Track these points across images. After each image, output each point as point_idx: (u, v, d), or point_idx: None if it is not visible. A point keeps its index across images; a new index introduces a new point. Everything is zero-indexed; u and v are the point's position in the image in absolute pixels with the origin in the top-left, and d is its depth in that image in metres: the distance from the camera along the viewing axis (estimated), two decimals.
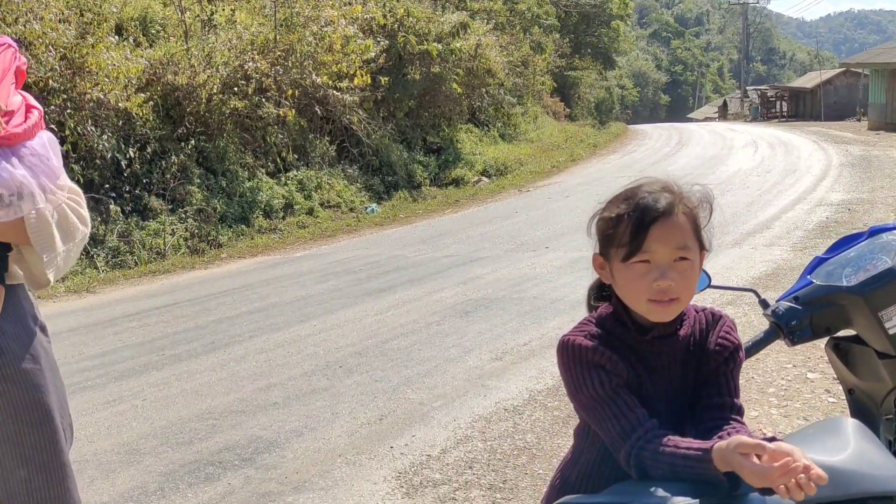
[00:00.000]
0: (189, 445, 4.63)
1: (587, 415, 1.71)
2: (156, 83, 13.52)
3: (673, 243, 1.63)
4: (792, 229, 10.81)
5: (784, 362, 5.40)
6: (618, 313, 1.72)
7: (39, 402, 2.03)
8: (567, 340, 1.72)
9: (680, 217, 1.65)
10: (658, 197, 1.66)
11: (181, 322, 7.72)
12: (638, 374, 1.69)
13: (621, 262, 1.65)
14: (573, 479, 1.84)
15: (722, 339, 1.74)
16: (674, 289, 1.62)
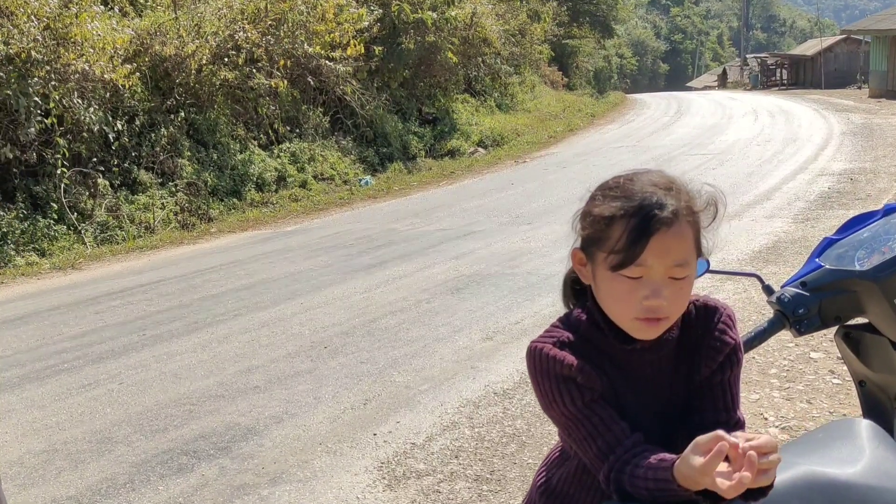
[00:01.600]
0: (163, 433, 4.43)
1: (562, 431, 1.48)
2: (143, 54, 13.21)
3: (671, 258, 1.35)
4: (793, 200, 10.57)
5: (786, 341, 5.19)
6: (594, 317, 1.46)
7: None
8: (534, 348, 1.47)
9: (683, 228, 1.36)
10: (663, 201, 1.36)
11: (165, 300, 7.51)
12: (616, 384, 1.45)
13: (609, 270, 1.38)
14: (555, 482, 1.63)
15: (717, 339, 1.47)
16: (664, 308, 1.37)
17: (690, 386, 1.48)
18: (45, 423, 4.65)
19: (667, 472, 1.29)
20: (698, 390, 1.47)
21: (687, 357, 1.48)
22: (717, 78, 66.80)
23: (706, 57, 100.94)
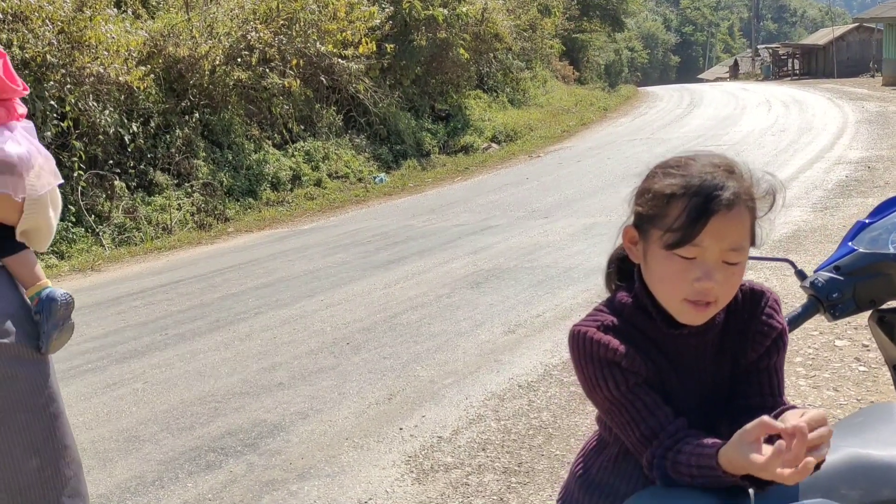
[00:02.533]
0: (190, 431, 4.45)
1: (605, 416, 1.48)
2: (157, 56, 13.26)
3: (728, 242, 1.35)
4: (811, 189, 10.52)
5: (810, 329, 5.16)
6: (641, 300, 1.46)
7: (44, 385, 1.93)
8: (578, 331, 1.45)
9: (742, 213, 1.36)
10: (724, 183, 1.35)
11: (186, 300, 7.54)
12: (660, 369, 1.44)
13: (663, 248, 1.37)
14: (594, 471, 1.63)
15: (763, 323, 1.46)
16: (714, 292, 1.36)
17: (736, 370, 1.47)
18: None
19: (710, 459, 1.29)
20: (744, 375, 1.47)
21: (733, 342, 1.47)
22: (728, 69, 66.48)
23: (717, 48, 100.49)
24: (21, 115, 1.95)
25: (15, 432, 1.84)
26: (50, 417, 1.92)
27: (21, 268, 1.98)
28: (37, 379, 1.89)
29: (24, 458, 1.86)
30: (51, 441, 1.91)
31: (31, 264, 2.00)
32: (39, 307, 2.00)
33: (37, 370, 1.90)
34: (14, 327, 1.86)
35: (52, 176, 1.96)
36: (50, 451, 1.90)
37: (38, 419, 1.88)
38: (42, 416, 1.89)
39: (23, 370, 1.86)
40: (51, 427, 1.91)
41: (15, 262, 1.96)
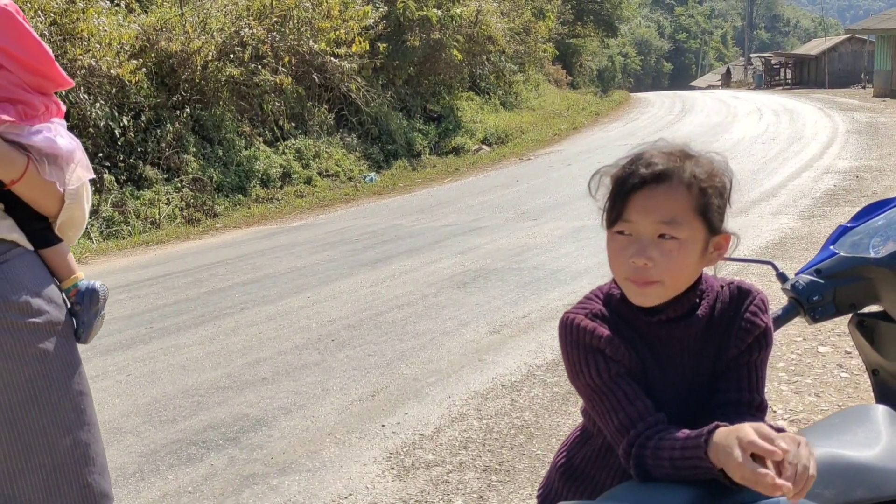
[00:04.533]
0: (172, 424, 4.43)
1: (586, 403, 1.50)
2: (149, 50, 13.22)
3: (656, 216, 1.37)
4: (799, 197, 10.56)
5: (794, 335, 5.19)
6: (621, 290, 1.49)
7: (75, 364, 1.96)
8: (567, 318, 1.48)
9: (677, 188, 1.38)
10: (654, 161, 1.40)
11: (172, 294, 7.52)
12: (644, 361, 1.46)
13: (607, 228, 1.45)
14: (577, 462, 1.64)
15: (747, 321, 1.47)
16: (651, 271, 1.38)
17: (717, 366, 1.48)
18: None
19: (699, 440, 1.29)
20: (724, 370, 1.48)
21: (716, 337, 1.48)
22: (720, 77, 66.75)
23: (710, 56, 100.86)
24: (62, 110, 2.00)
25: (49, 411, 1.87)
26: (80, 396, 1.95)
27: (59, 259, 2.02)
28: (68, 357, 1.93)
29: (59, 436, 1.88)
30: (81, 418, 1.94)
31: (67, 256, 2.04)
32: (79, 298, 2.05)
33: (68, 349, 1.93)
34: (46, 307, 1.90)
35: (86, 170, 2.00)
36: (80, 428, 1.93)
37: (69, 398, 1.91)
38: (73, 395, 1.92)
39: (55, 349, 1.90)
40: (80, 405, 1.94)
41: (53, 254, 2.01)
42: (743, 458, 1.21)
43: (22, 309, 1.84)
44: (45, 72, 1.91)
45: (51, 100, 1.94)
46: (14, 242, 1.88)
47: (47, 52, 1.91)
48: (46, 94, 1.93)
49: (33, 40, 1.87)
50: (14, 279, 1.85)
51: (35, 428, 1.86)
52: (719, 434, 1.27)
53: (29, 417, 1.85)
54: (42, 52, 1.90)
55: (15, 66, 1.85)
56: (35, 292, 1.88)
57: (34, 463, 1.85)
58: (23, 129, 1.84)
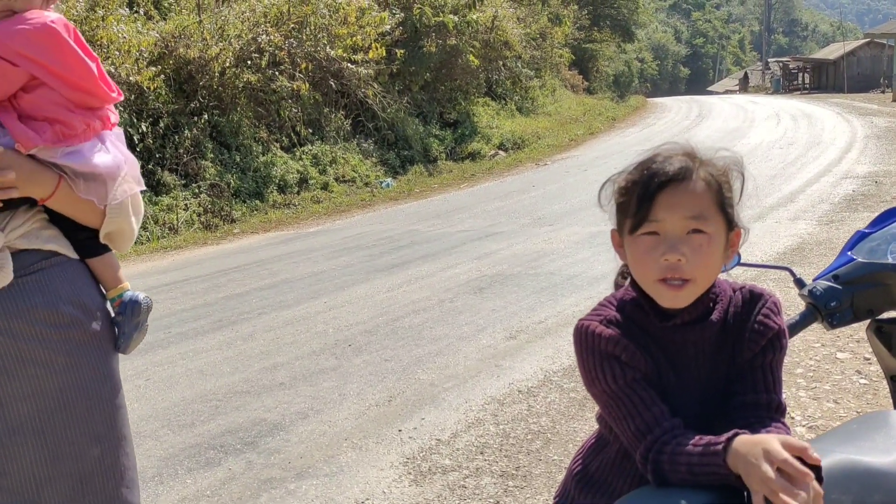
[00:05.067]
0: (191, 428, 4.46)
1: (602, 409, 1.51)
2: (168, 57, 13.33)
3: (684, 211, 1.40)
4: (817, 202, 10.51)
5: (812, 341, 5.17)
6: (637, 296, 1.50)
7: (110, 374, 1.96)
8: (582, 325, 1.50)
9: (697, 184, 1.41)
10: (671, 160, 1.44)
11: (190, 299, 7.56)
12: (659, 366, 1.47)
13: (630, 234, 1.45)
14: (593, 470, 1.64)
15: (760, 323, 1.48)
16: (685, 267, 1.39)
17: (732, 369, 1.49)
18: None
19: (717, 447, 1.30)
20: (739, 373, 1.48)
21: (730, 340, 1.49)
22: (738, 82, 66.49)
23: (727, 61, 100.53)
24: (114, 123, 2.00)
25: (78, 420, 1.87)
26: (112, 407, 1.94)
27: (105, 269, 2.03)
28: (101, 368, 1.92)
29: (87, 445, 1.88)
30: (112, 431, 1.93)
31: (114, 266, 2.05)
32: (122, 308, 2.05)
33: (102, 360, 1.93)
34: (83, 316, 1.90)
35: (135, 182, 2.01)
36: (111, 440, 1.92)
37: (100, 408, 1.90)
38: (104, 405, 1.92)
39: (87, 359, 1.89)
40: (112, 417, 1.93)
41: (99, 264, 2.02)
42: (773, 473, 1.22)
43: (53, 318, 1.85)
44: (89, 88, 1.90)
45: (96, 115, 1.93)
46: (53, 252, 1.90)
47: (90, 69, 1.90)
48: (93, 109, 1.93)
49: (76, 57, 1.87)
50: (48, 288, 1.86)
51: (63, 437, 1.86)
52: (740, 442, 1.28)
53: (57, 426, 1.85)
54: (85, 68, 1.89)
55: (57, 83, 1.85)
56: (71, 301, 1.88)
57: (61, 471, 1.86)
58: (56, 150, 1.85)
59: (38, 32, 1.81)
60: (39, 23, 1.82)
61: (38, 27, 1.82)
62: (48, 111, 1.84)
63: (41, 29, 1.82)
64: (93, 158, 1.90)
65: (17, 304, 1.81)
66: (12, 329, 1.81)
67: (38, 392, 1.83)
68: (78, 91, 1.88)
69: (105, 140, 1.96)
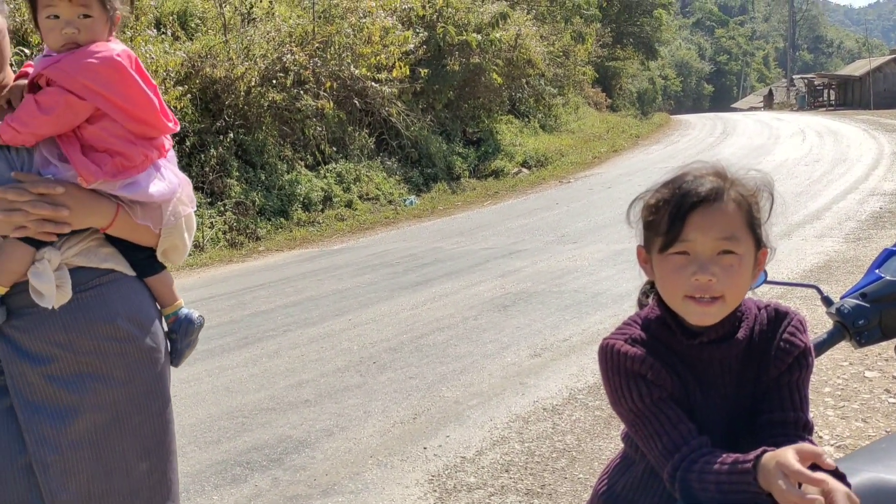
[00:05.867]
0: (217, 445, 4.49)
1: (629, 428, 1.51)
2: (194, 76, 13.47)
3: (715, 232, 1.41)
4: (844, 220, 10.43)
5: (840, 360, 5.12)
6: (662, 314, 1.50)
7: (162, 390, 2.02)
8: (607, 344, 1.50)
9: (728, 205, 1.42)
10: (703, 180, 1.44)
11: (216, 316, 7.62)
12: (686, 384, 1.47)
13: (659, 252, 1.45)
14: (619, 489, 1.65)
15: (786, 341, 1.48)
16: (716, 286, 1.40)
17: (758, 387, 1.49)
18: None
19: (747, 464, 1.30)
20: (766, 391, 1.48)
21: (756, 358, 1.49)
22: (762, 99, 66.20)
23: (752, 78, 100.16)
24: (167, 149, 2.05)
25: (130, 434, 1.91)
26: (162, 423, 2.00)
27: (162, 287, 2.09)
28: (154, 383, 1.98)
29: (136, 460, 1.92)
30: (161, 446, 1.99)
31: (169, 284, 2.11)
32: (175, 326, 2.12)
33: (155, 375, 1.98)
34: (139, 332, 1.95)
35: (189, 202, 2.06)
36: (159, 454, 1.98)
37: (150, 423, 1.96)
38: (154, 421, 1.97)
39: (141, 374, 1.94)
40: (162, 432, 1.99)
41: (156, 282, 2.08)
42: (787, 485, 1.22)
43: (111, 333, 1.90)
44: (150, 120, 1.95)
45: (153, 144, 1.98)
46: (110, 269, 1.94)
47: (152, 102, 1.94)
48: (150, 139, 1.97)
49: (140, 90, 1.91)
50: (106, 304, 1.91)
51: (116, 451, 1.89)
52: (767, 458, 1.28)
53: (111, 440, 1.89)
54: (148, 101, 1.93)
55: (121, 115, 1.89)
56: (127, 317, 1.93)
57: (113, 486, 1.89)
58: (115, 183, 1.89)
59: (104, 66, 1.85)
60: (106, 56, 1.86)
61: (105, 61, 1.86)
62: (110, 143, 1.89)
63: (108, 63, 1.86)
64: (149, 188, 1.95)
65: (77, 320, 1.86)
66: (73, 343, 1.86)
67: (97, 406, 1.87)
68: (139, 123, 1.92)
69: (160, 167, 2.01)
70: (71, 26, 1.84)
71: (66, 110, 1.83)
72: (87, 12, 1.85)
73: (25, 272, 1.82)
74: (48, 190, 1.80)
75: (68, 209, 1.82)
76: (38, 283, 1.81)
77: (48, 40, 1.87)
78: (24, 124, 1.81)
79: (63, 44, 1.85)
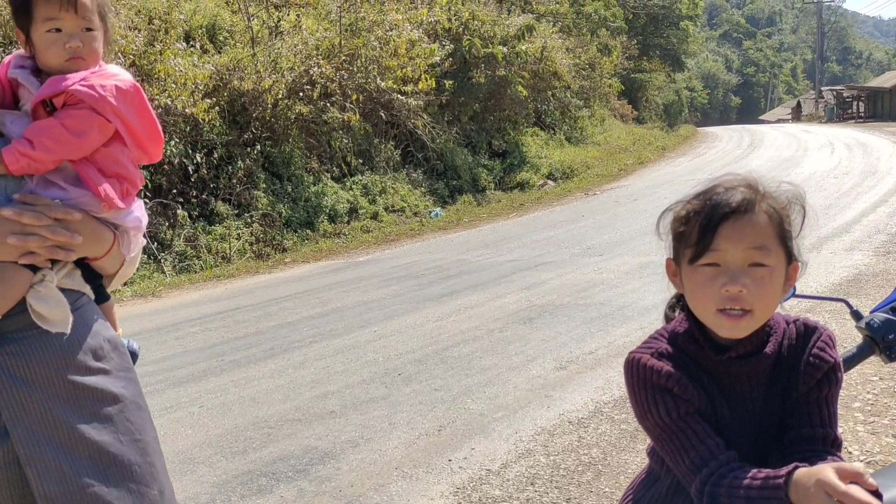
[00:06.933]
0: (243, 455, 4.52)
1: (655, 443, 1.50)
2: (222, 89, 13.60)
3: (746, 243, 1.39)
4: (873, 233, 10.32)
5: (870, 375, 5.06)
6: (690, 328, 1.49)
7: (145, 405, 1.96)
8: (633, 358, 1.50)
9: (760, 216, 1.41)
10: (734, 192, 1.43)
11: (242, 327, 7.67)
12: (713, 399, 1.46)
13: (689, 264, 1.44)
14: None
15: (815, 357, 1.47)
16: (746, 298, 1.39)
17: (787, 403, 1.48)
18: None
19: (778, 480, 1.29)
20: (794, 407, 1.47)
21: (784, 374, 1.48)
22: (790, 111, 65.72)
23: (779, 90, 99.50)
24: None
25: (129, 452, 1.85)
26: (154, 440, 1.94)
27: (110, 315, 2.05)
28: (139, 399, 1.93)
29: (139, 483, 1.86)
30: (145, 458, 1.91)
31: (114, 312, 2.08)
32: None
33: (138, 391, 1.94)
34: (117, 353, 1.93)
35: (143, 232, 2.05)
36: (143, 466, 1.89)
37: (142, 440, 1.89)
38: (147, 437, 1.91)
39: (129, 391, 1.91)
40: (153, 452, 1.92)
41: (106, 309, 2.04)
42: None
43: (99, 354, 1.86)
44: (150, 149, 1.93)
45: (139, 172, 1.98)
46: (83, 292, 1.91)
47: (159, 131, 1.94)
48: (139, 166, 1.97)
49: (151, 119, 1.90)
50: (88, 326, 1.87)
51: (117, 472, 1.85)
52: (801, 475, 1.27)
53: (112, 461, 1.84)
54: (156, 131, 1.93)
55: (132, 143, 1.87)
56: (106, 339, 1.91)
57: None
58: (121, 212, 1.87)
59: (131, 90, 1.84)
60: (129, 80, 1.85)
61: (130, 84, 1.84)
62: (120, 167, 1.86)
63: (133, 86, 1.85)
64: (141, 216, 1.94)
65: (71, 341, 1.81)
66: (69, 366, 1.80)
67: (96, 429, 1.82)
68: (141, 150, 1.91)
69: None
70: (76, 40, 1.78)
71: (98, 134, 1.78)
72: (89, 25, 1.81)
73: (23, 296, 1.74)
74: (65, 216, 1.73)
75: (81, 236, 1.76)
76: (43, 307, 1.75)
77: (48, 55, 1.79)
78: (49, 151, 1.72)
79: (66, 59, 1.79)
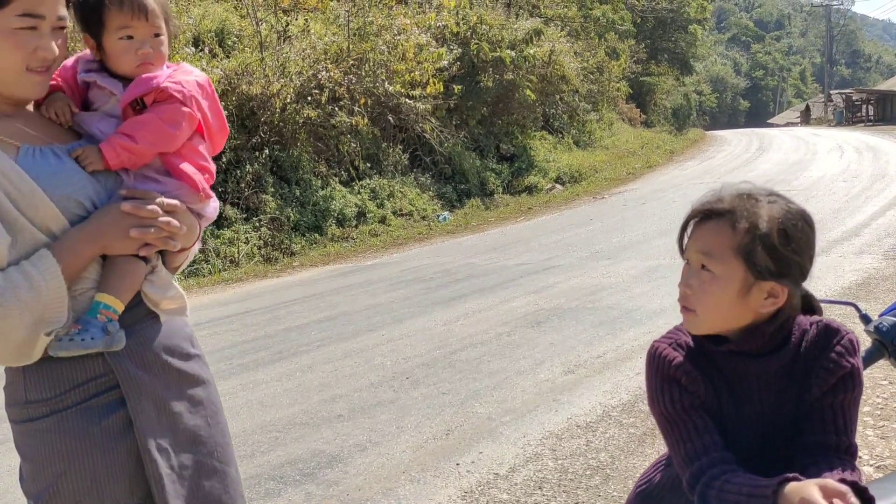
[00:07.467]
0: (251, 459, 4.52)
1: (661, 430, 1.54)
2: (231, 93, 13.64)
3: (699, 245, 1.47)
4: (883, 237, 10.28)
5: (879, 378, 5.04)
6: None
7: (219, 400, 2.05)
8: (653, 346, 1.56)
9: (723, 225, 1.43)
10: (721, 197, 1.48)
11: (250, 331, 7.68)
12: (718, 395, 1.47)
13: None
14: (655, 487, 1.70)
15: (832, 360, 1.45)
16: (689, 298, 1.47)
17: (800, 406, 1.47)
18: None
19: (767, 490, 1.29)
20: (809, 411, 1.46)
21: (799, 375, 1.48)
22: (799, 114, 65.57)
23: (788, 93, 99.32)
24: None
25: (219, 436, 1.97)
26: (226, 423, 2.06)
27: None
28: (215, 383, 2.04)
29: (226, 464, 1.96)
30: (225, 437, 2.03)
31: None
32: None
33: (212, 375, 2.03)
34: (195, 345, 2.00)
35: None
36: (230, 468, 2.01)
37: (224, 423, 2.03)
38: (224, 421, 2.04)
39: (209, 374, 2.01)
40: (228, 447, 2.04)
41: None
42: None
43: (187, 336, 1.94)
44: (218, 141, 2.00)
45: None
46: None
47: (227, 125, 2.01)
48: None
49: (221, 112, 1.97)
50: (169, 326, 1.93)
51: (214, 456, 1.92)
52: (789, 490, 1.27)
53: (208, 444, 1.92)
54: (224, 123, 1.99)
55: (208, 133, 1.94)
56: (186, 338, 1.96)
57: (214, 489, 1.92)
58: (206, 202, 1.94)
59: (205, 87, 1.91)
60: (205, 78, 1.92)
61: (205, 81, 1.92)
62: (201, 159, 1.92)
63: (207, 84, 1.92)
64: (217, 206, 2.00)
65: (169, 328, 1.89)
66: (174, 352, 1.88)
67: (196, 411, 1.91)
68: (212, 142, 1.97)
69: None
70: (146, 46, 1.84)
71: (188, 126, 1.85)
72: (158, 31, 1.87)
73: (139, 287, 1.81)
74: (174, 207, 1.81)
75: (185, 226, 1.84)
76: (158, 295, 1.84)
77: (121, 62, 1.85)
78: (151, 144, 1.80)
79: (138, 64, 1.84)
